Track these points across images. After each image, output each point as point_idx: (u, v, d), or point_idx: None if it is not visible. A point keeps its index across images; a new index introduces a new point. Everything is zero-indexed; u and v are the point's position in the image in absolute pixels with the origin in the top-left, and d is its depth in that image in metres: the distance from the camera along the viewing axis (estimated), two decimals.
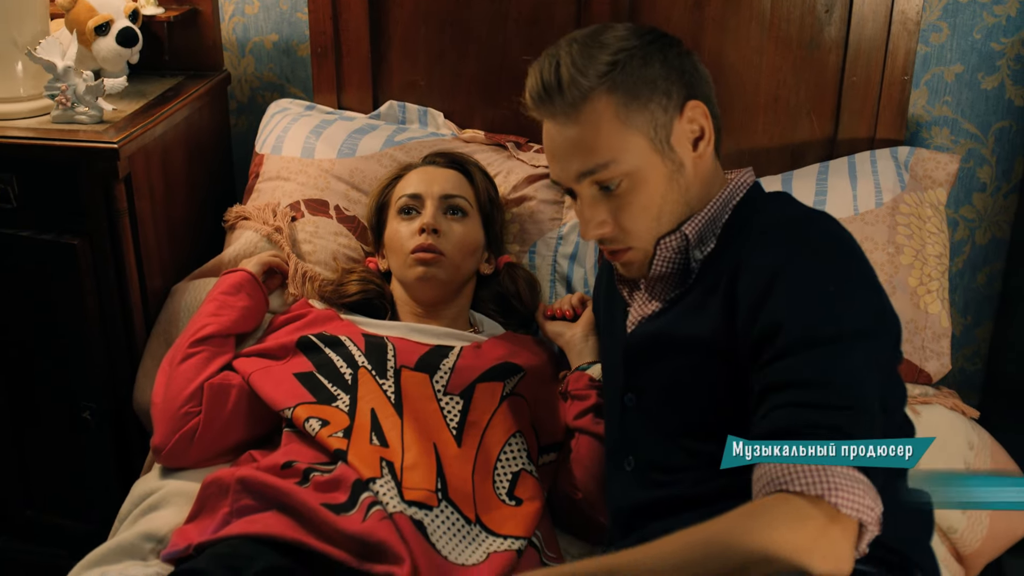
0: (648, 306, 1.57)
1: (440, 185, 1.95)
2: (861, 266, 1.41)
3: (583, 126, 1.46)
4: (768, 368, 1.31)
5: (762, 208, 1.52)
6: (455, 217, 1.93)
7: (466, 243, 1.93)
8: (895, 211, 2.08)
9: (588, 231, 1.52)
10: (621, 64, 1.46)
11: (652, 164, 1.48)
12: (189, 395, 1.78)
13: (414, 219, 1.92)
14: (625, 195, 1.48)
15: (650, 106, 1.46)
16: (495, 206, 2.02)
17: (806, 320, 1.32)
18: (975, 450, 1.94)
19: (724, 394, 1.43)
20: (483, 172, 2.04)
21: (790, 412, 1.26)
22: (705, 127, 1.51)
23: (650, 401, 1.54)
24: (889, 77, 2.20)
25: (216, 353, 1.85)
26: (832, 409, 1.25)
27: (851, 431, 1.24)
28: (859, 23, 2.18)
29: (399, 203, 1.95)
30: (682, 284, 1.53)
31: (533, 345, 1.97)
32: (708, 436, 1.44)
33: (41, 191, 2.02)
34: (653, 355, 1.53)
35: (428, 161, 2.03)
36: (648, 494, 1.52)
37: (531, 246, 2.12)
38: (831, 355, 1.29)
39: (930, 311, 2.03)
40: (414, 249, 1.88)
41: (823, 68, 2.23)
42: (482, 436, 1.73)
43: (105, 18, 2.17)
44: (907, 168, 2.15)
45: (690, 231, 1.50)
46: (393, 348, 1.81)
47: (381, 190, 2.03)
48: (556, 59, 1.48)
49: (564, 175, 1.52)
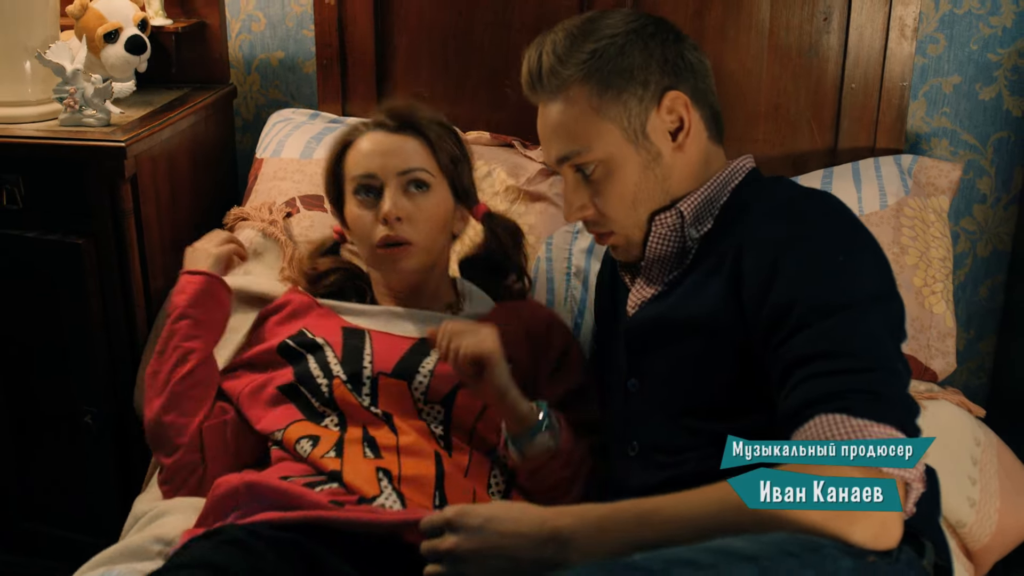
0: (647, 290, 1.57)
1: (396, 160, 1.75)
2: (866, 236, 1.43)
3: (560, 113, 1.51)
4: (788, 343, 1.31)
5: (762, 190, 1.54)
6: (419, 192, 1.75)
7: (435, 219, 1.77)
8: (899, 213, 2.10)
9: (570, 213, 1.56)
10: (599, 53, 1.50)
11: (625, 154, 1.50)
12: (188, 443, 1.71)
13: (373, 203, 1.75)
14: (600, 181, 1.52)
15: (623, 96, 1.49)
16: (459, 160, 1.83)
17: (820, 291, 1.33)
18: (982, 447, 1.93)
19: (727, 372, 1.43)
20: (440, 125, 1.83)
21: (820, 382, 1.26)
22: (685, 118, 1.52)
23: (653, 384, 1.54)
24: (888, 83, 2.23)
25: (206, 387, 1.76)
26: (861, 373, 1.25)
27: (882, 390, 1.25)
28: (857, 31, 2.21)
29: (353, 182, 1.77)
30: (679, 265, 1.54)
31: (520, 319, 1.81)
32: (711, 414, 1.44)
33: (47, 192, 2.03)
34: (655, 338, 1.53)
35: (377, 125, 1.81)
36: (653, 476, 1.51)
37: (547, 239, 2.12)
38: (849, 322, 1.30)
39: (935, 311, 2.03)
40: (379, 243, 1.73)
41: (822, 76, 2.25)
42: (471, 441, 1.67)
43: (114, 26, 2.20)
44: (910, 174, 2.17)
45: (685, 208, 1.51)
46: (371, 348, 1.71)
47: (332, 160, 1.84)
48: (541, 48, 1.53)
49: (548, 158, 1.58)
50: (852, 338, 1.29)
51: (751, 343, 1.38)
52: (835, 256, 1.36)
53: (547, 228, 2.13)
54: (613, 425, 1.63)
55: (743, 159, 1.58)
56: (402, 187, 1.74)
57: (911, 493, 1.21)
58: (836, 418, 1.21)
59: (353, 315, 1.80)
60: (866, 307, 1.32)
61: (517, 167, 2.20)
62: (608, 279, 1.78)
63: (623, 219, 1.53)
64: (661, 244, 1.53)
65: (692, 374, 1.47)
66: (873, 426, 1.20)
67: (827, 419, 1.22)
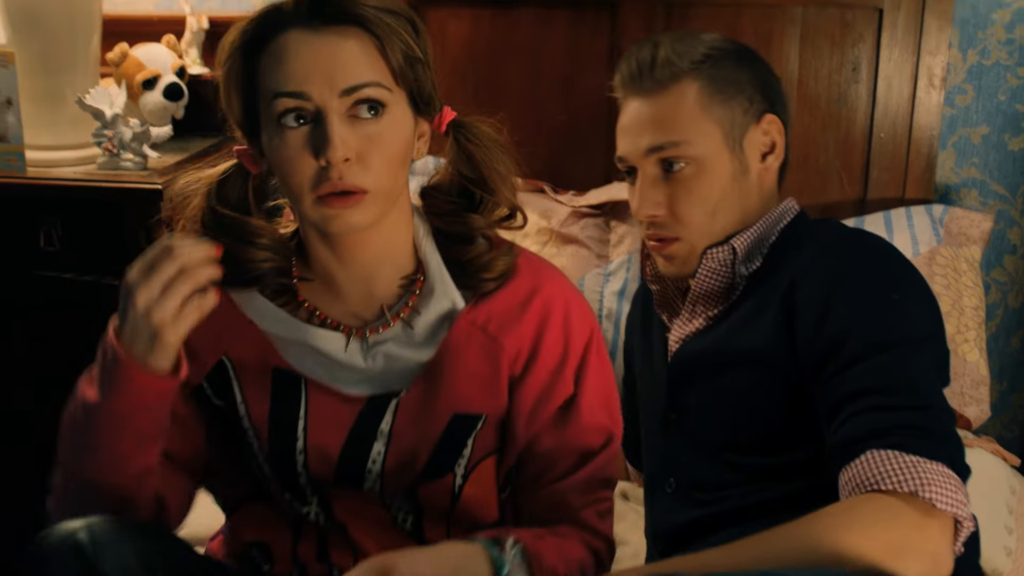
0: (691, 324, 1.57)
1: (337, 72, 1.24)
2: (918, 277, 1.44)
3: (666, 104, 1.51)
4: (839, 376, 1.31)
5: (812, 229, 1.55)
6: (371, 118, 1.25)
7: (394, 153, 1.28)
8: (932, 261, 2.10)
9: (642, 208, 1.53)
10: (715, 58, 1.52)
11: (720, 158, 1.51)
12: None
13: (306, 135, 1.24)
14: (686, 180, 1.51)
15: (731, 104, 1.52)
16: (417, 59, 1.30)
17: (873, 327, 1.33)
18: (1017, 495, 1.91)
19: (775, 406, 1.43)
20: (389, 11, 1.28)
21: (871, 417, 1.26)
22: (777, 142, 1.56)
23: (693, 419, 1.54)
24: (916, 134, 2.24)
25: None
26: (912, 410, 1.25)
27: (934, 428, 1.24)
28: (886, 81, 2.23)
29: (276, 103, 1.24)
30: (724, 301, 1.54)
31: (506, 334, 1.37)
32: (755, 449, 1.44)
33: (85, 234, 2.06)
34: (700, 372, 1.53)
35: (305, 21, 1.26)
36: (690, 514, 1.50)
37: (579, 281, 2.13)
38: (902, 359, 1.30)
39: (968, 359, 2.03)
40: (321, 194, 1.25)
41: (851, 126, 2.27)
42: (449, 529, 1.40)
43: (153, 73, 2.24)
44: (942, 224, 2.18)
45: (739, 244, 1.52)
46: (304, 423, 1.34)
47: (237, 60, 1.29)
48: (656, 41, 1.54)
49: (633, 149, 1.54)
50: (904, 375, 1.29)
51: (801, 377, 1.38)
52: (889, 294, 1.37)
53: (579, 270, 2.14)
54: (648, 463, 1.63)
55: (789, 201, 1.60)
56: (348, 112, 1.25)
57: (961, 531, 1.20)
58: (888, 454, 1.20)
59: (283, 338, 1.36)
60: (918, 346, 1.32)
61: (548, 211, 2.22)
62: (639, 320, 1.77)
63: (697, 225, 1.52)
64: (710, 278, 1.53)
65: (737, 408, 1.47)
66: (925, 463, 1.19)
67: (879, 455, 1.21)
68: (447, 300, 1.36)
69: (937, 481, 1.17)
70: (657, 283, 1.66)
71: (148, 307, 1.15)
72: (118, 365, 1.19)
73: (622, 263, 2.14)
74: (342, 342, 1.35)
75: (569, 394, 1.40)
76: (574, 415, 1.40)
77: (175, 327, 1.16)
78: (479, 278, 1.37)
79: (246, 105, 1.31)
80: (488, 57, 2.36)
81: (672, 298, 1.66)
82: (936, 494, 1.16)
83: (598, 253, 2.17)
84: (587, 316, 1.43)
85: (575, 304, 1.42)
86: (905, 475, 1.18)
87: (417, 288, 1.37)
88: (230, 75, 1.30)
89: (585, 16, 2.31)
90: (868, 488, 1.20)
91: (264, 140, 1.29)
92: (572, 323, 1.40)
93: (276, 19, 1.27)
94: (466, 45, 2.37)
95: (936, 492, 1.17)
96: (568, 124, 2.35)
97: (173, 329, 1.16)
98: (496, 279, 1.38)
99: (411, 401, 1.34)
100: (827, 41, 2.25)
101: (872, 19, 2.23)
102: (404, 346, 1.35)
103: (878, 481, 1.19)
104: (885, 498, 1.18)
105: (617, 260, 2.15)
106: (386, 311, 1.36)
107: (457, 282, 1.38)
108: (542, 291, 1.39)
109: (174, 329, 1.16)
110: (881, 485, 1.18)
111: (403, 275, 1.38)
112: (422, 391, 1.34)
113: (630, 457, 1.89)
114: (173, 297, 1.15)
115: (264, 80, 1.26)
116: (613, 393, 1.46)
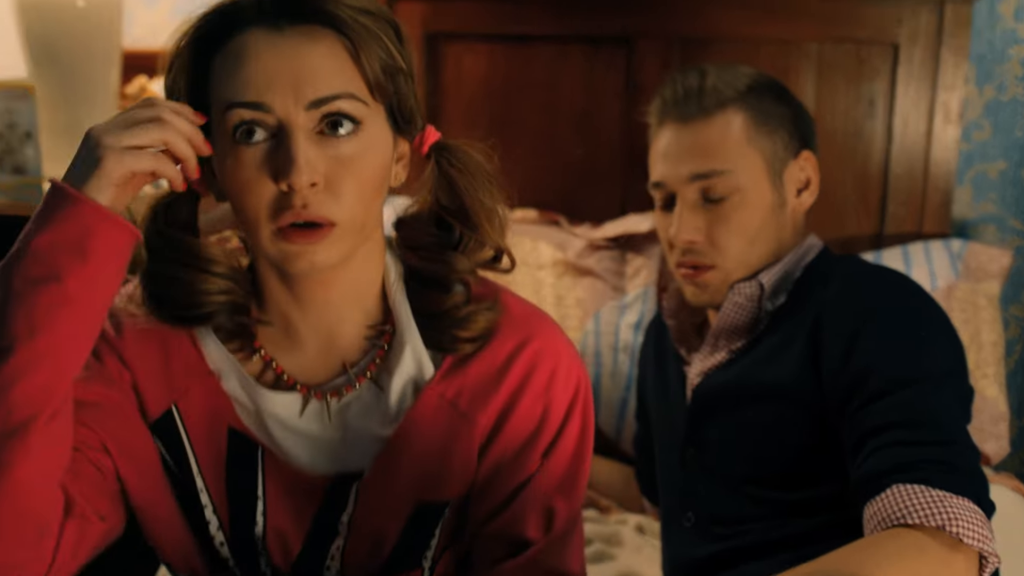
0: (713, 358, 1.57)
1: (304, 83, 1.04)
2: (942, 314, 1.44)
3: (711, 132, 1.52)
4: (865, 410, 1.32)
5: (836, 265, 1.56)
6: (342, 136, 1.06)
7: (368, 175, 1.08)
8: (950, 296, 2.09)
9: (681, 233, 1.53)
10: (759, 91, 1.55)
11: (762, 189, 1.53)
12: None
13: (265, 153, 1.04)
14: (728, 210, 1.52)
15: (774, 136, 1.54)
16: (397, 69, 1.10)
17: (899, 362, 1.34)
18: None
19: (799, 439, 1.43)
20: (366, 11, 1.09)
21: (897, 451, 1.25)
22: (812, 179, 1.58)
23: (714, 453, 1.53)
24: (933, 169, 2.24)
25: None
26: (937, 445, 1.25)
27: (959, 463, 1.24)
28: (902, 116, 2.23)
29: (230, 115, 1.05)
30: (749, 335, 1.54)
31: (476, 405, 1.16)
32: (778, 483, 1.44)
33: None
34: (722, 406, 1.52)
35: (268, 20, 1.06)
36: (709, 548, 1.49)
37: (595, 313, 2.12)
38: (927, 394, 1.30)
39: (987, 394, 2.01)
40: (281, 226, 1.05)
41: (867, 161, 2.27)
42: None
43: None
44: (960, 259, 2.17)
45: (766, 280, 1.52)
46: (264, 503, 1.17)
47: (186, 61, 1.09)
48: (702, 70, 1.56)
49: (674, 175, 1.55)
50: (930, 410, 1.29)
51: (826, 410, 1.39)
52: (915, 330, 1.38)
53: (595, 303, 2.13)
54: (665, 497, 1.62)
55: (813, 237, 1.61)
56: (315, 128, 1.05)
57: (987, 567, 1.19)
58: (914, 488, 1.20)
59: (236, 397, 1.16)
60: (941, 381, 1.33)
61: (564, 243, 2.22)
62: (653, 353, 1.77)
63: (735, 254, 1.53)
64: (736, 313, 1.53)
65: (761, 441, 1.47)
66: (952, 498, 1.18)
67: (905, 489, 1.20)
68: (414, 364, 1.15)
69: (964, 516, 1.16)
70: (673, 318, 1.66)
71: (101, 134, 1.01)
72: (51, 194, 1.01)
73: (638, 296, 2.14)
74: (298, 405, 1.15)
75: (530, 473, 1.17)
76: (523, 496, 1.17)
77: (120, 158, 1.00)
78: (453, 336, 1.15)
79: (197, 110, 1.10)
80: (505, 91, 2.37)
81: (689, 333, 1.65)
82: (963, 529, 1.16)
83: (614, 285, 2.16)
84: (572, 376, 1.18)
85: (562, 364, 1.18)
86: (932, 509, 1.17)
87: (385, 342, 1.17)
88: (177, 80, 1.10)
89: (601, 51, 2.32)
90: (894, 522, 1.19)
91: (215, 157, 1.08)
92: (555, 389, 1.17)
93: (234, 16, 1.07)
94: (483, 80, 2.38)
95: (963, 527, 1.16)
96: (584, 158, 2.36)
97: (117, 158, 1.00)
98: (473, 340, 1.15)
99: (372, 485, 1.15)
100: (843, 77, 2.25)
101: (888, 55, 2.23)
102: (369, 414, 1.16)
103: (904, 515, 1.18)
104: (912, 533, 1.17)
105: (633, 293, 2.15)
106: (348, 369, 1.16)
107: (427, 339, 1.15)
108: (525, 350, 1.16)
109: (118, 159, 1.00)
110: (907, 519, 1.17)
111: (370, 323, 1.17)
112: (383, 472, 1.15)
113: (645, 491, 1.88)
114: (134, 133, 1.01)
115: (217, 87, 1.07)
116: (583, 468, 1.21)
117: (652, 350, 1.78)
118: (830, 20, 2.23)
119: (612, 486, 1.97)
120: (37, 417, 0.99)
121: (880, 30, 2.22)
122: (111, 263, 1.01)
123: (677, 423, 1.60)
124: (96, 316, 1.03)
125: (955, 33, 2.19)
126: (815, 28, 2.23)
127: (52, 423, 1.01)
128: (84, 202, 0.99)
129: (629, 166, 2.32)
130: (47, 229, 0.99)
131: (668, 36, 2.27)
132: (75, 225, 0.99)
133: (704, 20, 2.27)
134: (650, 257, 2.15)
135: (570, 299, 2.10)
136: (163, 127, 1.02)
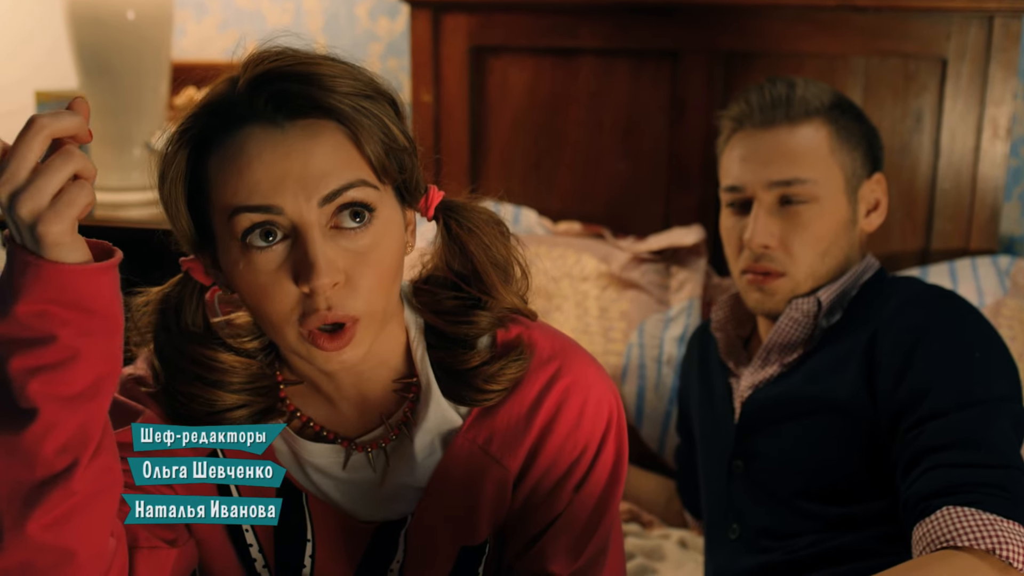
0: (764, 372, 1.57)
1: (312, 180, 1.02)
2: (999, 338, 1.44)
3: (797, 140, 1.55)
4: (917, 430, 1.32)
5: (893, 284, 1.56)
6: (357, 227, 1.04)
7: (387, 264, 1.06)
8: (997, 313, 2.07)
9: (757, 237, 1.55)
10: (842, 107, 1.58)
11: (839, 203, 1.55)
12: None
13: (279, 255, 1.03)
14: (806, 219, 1.54)
15: (854, 154, 1.57)
16: (397, 146, 1.07)
17: (956, 383, 1.34)
18: None
19: (851, 456, 1.43)
20: (365, 96, 1.06)
21: (949, 472, 1.26)
22: (881, 201, 1.61)
23: (762, 466, 1.53)
24: (981, 184, 2.22)
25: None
26: (990, 468, 1.25)
27: (1012, 488, 1.24)
28: (949, 131, 2.21)
29: (238, 218, 1.02)
30: (802, 349, 1.54)
31: (503, 450, 1.15)
32: (827, 497, 1.44)
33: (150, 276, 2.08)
34: (771, 419, 1.53)
35: (265, 114, 1.03)
36: (754, 561, 1.49)
37: (639, 325, 2.12)
38: (982, 417, 1.31)
39: None
40: (308, 326, 1.04)
41: (914, 176, 2.25)
42: None
43: None
44: (1008, 275, 2.15)
45: (824, 297, 1.53)
46: (312, 549, 1.18)
47: (181, 166, 1.07)
48: (790, 80, 1.59)
49: (754, 179, 1.56)
50: (985, 433, 1.29)
51: (878, 427, 1.39)
52: (972, 351, 1.39)
53: (640, 315, 2.13)
54: (710, 509, 1.61)
55: (870, 257, 1.62)
56: (329, 223, 1.04)
57: None
58: (964, 511, 1.19)
59: (278, 444, 1.16)
60: (998, 405, 1.33)
61: (608, 256, 2.21)
62: (697, 366, 1.77)
63: (808, 264, 1.55)
64: (791, 328, 1.54)
65: (811, 455, 1.47)
66: (1002, 522, 1.18)
67: (955, 511, 1.20)
68: (441, 415, 1.14)
69: (1015, 540, 1.16)
70: (721, 330, 1.66)
71: (12, 194, 0.90)
72: (14, 259, 0.91)
73: (683, 309, 2.13)
74: (340, 457, 1.15)
75: (561, 509, 1.15)
76: (554, 530, 1.15)
77: (52, 218, 0.90)
78: (481, 390, 1.13)
79: (194, 214, 1.08)
80: (549, 105, 2.38)
81: (736, 345, 1.65)
82: (1014, 553, 1.16)
83: (659, 298, 2.16)
84: (604, 406, 1.16)
85: (592, 396, 1.15)
86: (982, 533, 1.17)
87: (412, 393, 1.16)
88: (173, 190, 1.07)
89: (646, 65, 2.32)
90: (944, 544, 1.18)
91: (222, 257, 1.06)
92: (585, 423, 1.15)
93: (226, 115, 1.04)
94: (527, 93, 2.39)
95: (1013, 551, 1.16)
96: (628, 172, 2.36)
97: (51, 220, 0.90)
98: (501, 392, 1.14)
99: (417, 531, 1.16)
100: (890, 92, 2.24)
101: (936, 70, 2.21)
102: (406, 462, 1.15)
103: (955, 538, 1.17)
104: (962, 555, 1.16)
105: (678, 306, 2.15)
106: (384, 421, 1.16)
107: (452, 394, 1.14)
108: (554, 388, 1.14)
109: (52, 220, 0.90)
110: (957, 542, 1.17)
111: (396, 377, 1.16)
112: (426, 519, 1.16)
113: (687, 504, 1.87)
114: (45, 182, 0.89)
115: (218, 189, 1.04)
116: (616, 492, 1.18)
117: (696, 362, 1.78)
118: (877, 34, 2.21)
119: (655, 500, 1.97)
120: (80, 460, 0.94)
121: (928, 44, 2.20)
122: (106, 297, 0.97)
123: (723, 435, 1.60)
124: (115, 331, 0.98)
125: (1004, 48, 2.17)
126: (862, 42, 2.22)
127: (95, 460, 0.96)
128: (55, 267, 0.91)
129: (673, 180, 2.31)
130: (32, 297, 0.92)
131: (713, 51, 2.27)
132: (59, 289, 0.92)
133: (750, 35, 2.26)
134: (694, 271, 2.14)
135: (614, 312, 2.09)
136: (64, 161, 0.91)
